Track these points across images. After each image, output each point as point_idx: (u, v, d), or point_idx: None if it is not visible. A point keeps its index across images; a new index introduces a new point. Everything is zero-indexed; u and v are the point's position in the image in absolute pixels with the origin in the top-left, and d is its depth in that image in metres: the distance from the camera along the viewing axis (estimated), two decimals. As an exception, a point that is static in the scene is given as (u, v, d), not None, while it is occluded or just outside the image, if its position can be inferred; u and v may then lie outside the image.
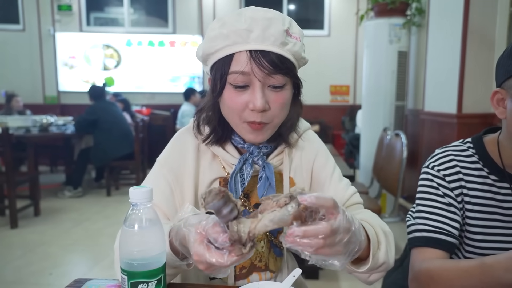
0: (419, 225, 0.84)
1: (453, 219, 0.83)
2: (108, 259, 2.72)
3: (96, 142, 4.33)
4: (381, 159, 2.93)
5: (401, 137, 2.54)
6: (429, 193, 0.86)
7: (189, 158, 0.82)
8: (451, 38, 2.64)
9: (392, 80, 3.53)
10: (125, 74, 6.27)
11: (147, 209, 0.56)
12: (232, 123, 0.78)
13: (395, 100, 3.57)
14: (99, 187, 4.84)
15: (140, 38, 6.26)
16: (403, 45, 3.52)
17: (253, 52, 0.70)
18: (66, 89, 6.25)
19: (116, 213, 3.78)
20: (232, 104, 0.74)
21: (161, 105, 6.23)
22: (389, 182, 2.60)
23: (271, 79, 0.72)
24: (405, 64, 3.57)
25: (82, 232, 3.28)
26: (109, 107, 4.44)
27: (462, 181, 0.84)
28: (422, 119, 3.11)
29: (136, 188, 0.55)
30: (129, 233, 0.54)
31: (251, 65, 0.70)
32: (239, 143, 0.81)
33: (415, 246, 0.83)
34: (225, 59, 0.72)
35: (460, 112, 2.60)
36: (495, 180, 0.84)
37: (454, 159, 0.86)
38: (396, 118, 3.60)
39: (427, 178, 0.87)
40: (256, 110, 0.72)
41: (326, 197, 0.52)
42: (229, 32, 0.71)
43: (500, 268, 0.64)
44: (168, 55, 6.27)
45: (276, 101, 0.74)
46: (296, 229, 0.51)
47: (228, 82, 0.73)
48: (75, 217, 3.65)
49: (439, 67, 2.87)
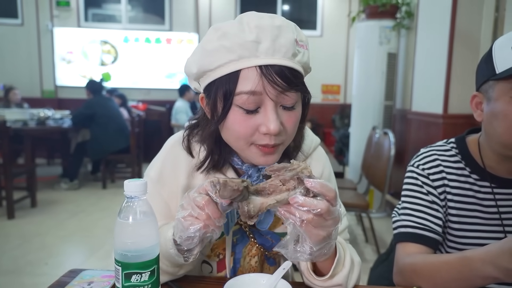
0: (404, 221, 0.85)
1: (436, 216, 0.84)
2: (103, 250, 2.70)
3: (93, 136, 4.30)
4: (369, 156, 2.95)
5: (389, 135, 2.55)
6: (413, 191, 0.87)
7: (181, 175, 0.75)
8: (439, 41, 2.66)
9: (381, 81, 3.55)
10: (122, 70, 6.22)
11: (141, 202, 0.55)
12: (237, 148, 0.69)
13: (384, 100, 3.60)
14: (95, 180, 4.81)
15: (137, 34, 6.20)
16: (393, 46, 3.54)
17: (263, 68, 0.60)
18: (63, 84, 6.17)
19: (111, 205, 3.76)
20: (240, 129, 0.63)
21: (157, 101, 6.19)
22: (377, 178, 2.62)
23: (284, 98, 0.62)
24: (394, 65, 3.59)
25: (78, 224, 3.26)
26: (106, 102, 4.40)
27: (445, 180, 0.86)
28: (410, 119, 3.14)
29: (131, 181, 0.55)
30: (124, 225, 0.54)
31: (263, 83, 0.60)
32: (237, 164, 0.74)
33: (400, 241, 0.84)
34: (229, 76, 0.62)
35: (446, 112, 2.62)
36: (476, 179, 0.85)
37: (437, 158, 0.88)
38: (385, 117, 3.63)
39: (412, 176, 0.89)
40: (271, 134, 0.62)
41: (329, 187, 0.54)
42: (233, 44, 0.61)
43: (478, 260, 0.66)
44: (164, 52, 6.22)
45: (289, 121, 0.65)
46: (300, 197, 0.53)
47: (234, 104, 0.62)
48: (71, 209, 3.63)
49: (426, 69, 2.90)
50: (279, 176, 0.56)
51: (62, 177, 4.48)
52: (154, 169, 0.77)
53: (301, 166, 0.56)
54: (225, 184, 0.53)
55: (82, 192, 4.30)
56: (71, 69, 6.14)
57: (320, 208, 0.53)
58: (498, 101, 0.74)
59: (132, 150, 4.41)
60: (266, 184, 0.56)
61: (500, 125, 0.75)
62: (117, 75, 6.20)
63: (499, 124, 0.75)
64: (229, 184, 0.53)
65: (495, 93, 0.75)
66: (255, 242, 0.79)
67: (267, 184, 0.56)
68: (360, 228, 3.14)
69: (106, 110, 4.30)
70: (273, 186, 0.56)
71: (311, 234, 0.55)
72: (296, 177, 0.55)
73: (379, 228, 3.10)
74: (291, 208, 0.54)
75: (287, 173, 0.56)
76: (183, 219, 0.57)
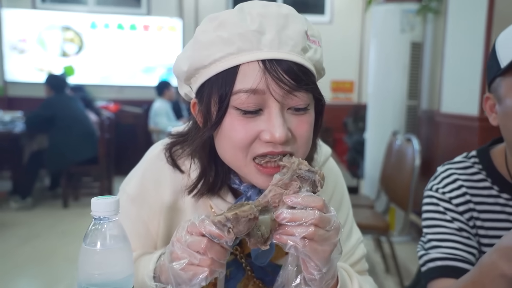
0: (431, 255, 0.86)
1: (467, 244, 0.85)
2: (63, 286, 2.67)
3: (52, 143, 4.28)
4: (389, 167, 2.97)
5: (412, 142, 2.57)
6: (435, 219, 0.89)
7: (166, 192, 0.76)
8: (474, 27, 2.69)
9: (403, 76, 3.58)
10: (88, 63, 6.21)
11: (112, 224, 0.55)
12: (235, 164, 0.68)
13: (407, 99, 3.63)
14: (54, 197, 4.78)
15: (107, 19, 6.21)
16: (417, 34, 3.57)
17: (267, 63, 0.61)
18: (14, 79, 6.15)
19: (74, 229, 3.72)
20: (237, 135, 0.63)
21: (132, 101, 6.19)
22: (399, 194, 2.63)
23: (293, 99, 0.62)
24: (419, 57, 3.63)
25: (31, 252, 3.22)
26: (69, 102, 4.40)
27: (470, 203, 0.87)
28: (438, 122, 3.16)
29: (100, 199, 0.55)
30: (90, 252, 0.54)
31: (266, 80, 0.61)
32: (235, 184, 0.74)
33: (431, 279, 0.85)
34: (226, 73, 0.62)
35: (482, 114, 2.64)
36: (508, 199, 0.86)
37: (458, 178, 0.89)
38: (408, 120, 3.65)
39: (432, 203, 0.90)
40: (275, 142, 0.62)
41: (314, 198, 0.57)
42: (231, 35, 0.62)
43: (483, 258, 0.68)
44: (140, 41, 6.24)
45: (301, 127, 0.64)
46: (285, 212, 0.55)
47: (231, 105, 0.63)
48: (22, 234, 3.59)
49: (458, 61, 2.92)
50: (278, 183, 0.58)
51: (12, 194, 4.45)
52: (132, 183, 0.78)
53: (295, 163, 0.58)
54: (237, 218, 0.53)
55: (37, 212, 4.25)
56: (25, 60, 6.13)
57: (312, 217, 0.54)
58: (507, 98, 0.78)
59: (101, 160, 4.39)
60: (267, 197, 0.58)
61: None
62: (83, 69, 6.19)
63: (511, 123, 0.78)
64: (241, 215, 0.54)
65: (504, 90, 0.79)
66: (252, 275, 0.79)
67: (269, 197, 0.58)
68: (379, 255, 3.13)
69: (69, 112, 4.29)
70: (276, 195, 0.58)
71: (317, 252, 0.56)
72: (295, 176, 0.58)
73: (402, 255, 3.10)
74: (286, 228, 0.55)
75: (284, 176, 0.58)
76: (183, 271, 0.57)
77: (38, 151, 4.40)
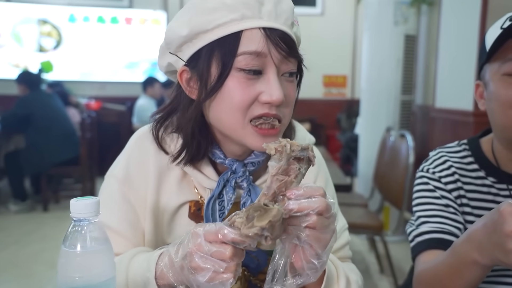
0: (420, 229, 0.94)
1: (453, 219, 0.93)
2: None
3: (29, 143, 4.25)
4: (383, 165, 3.00)
5: (407, 138, 2.60)
6: (425, 197, 0.97)
7: (151, 175, 0.80)
8: (468, 19, 2.72)
9: (397, 70, 3.60)
10: (67, 58, 6.16)
11: (92, 226, 0.56)
12: (231, 127, 0.74)
13: (401, 94, 3.65)
14: (34, 200, 4.72)
15: (87, 12, 6.16)
16: (411, 27, 3.60)
17: (267, 30, 0.70)
18: (-10, 76, 6.08)
19: (55, 233, 3.70)
20: (239, 96, 0.70)
21: (114, 98, 6.15)
22: (393, 192, 2.66)
23: (287, 64, 0.73)
24: (413, 50, 3.66)
25: (9, 259, 3.19)
26: (46, 100, 4.37)
27: (459, 182, 0.96)
28: (433, 117, 3.19)
29: (79, 200, 0.56)
30: (70, 255, 0.54)
31: (268, 45, 0.70)
32: (219, 158, 0.79)
33: (419, 252, 0.91)
34: (230, 37, 0.70)
35: (477, 109, 2.68)
36: (494, 182, 0.95)
37: (448, 160, 0.99)
38: (402, 115, 3.68)
39: (423, 182, 0.99)
40: (273, 103, 0.70)
41: (314, 187, 0.60)
42: (235, 2, 0.70)
43: (457, 245, 0.75)
44: (122, 35, 6.20)
45: (291, 93, 0.75)
46: (292, 204, 0.57)
47: (235, 67, 0.70)
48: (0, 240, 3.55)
49: (453, 55, 2.96)
50: (279, 172, 0.60)
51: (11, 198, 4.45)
52: (119, 167, 0.81)
53: (287, 146, 0.60)
54: (272, 226, 0.54)
55: (15, 216, 4.22)
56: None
57: (318, 205, 0.57)
58: (491, 82, 0.88)
59: (83, 161, 4.36)
60: (272, 188, 0.60)
61: (495, 108, 0.87)
62: (61, 65, 6.14)
63: (494, 107, 0.87)
64: (275, 221, 0.54)
65: (488, 75, 0.89)
66: None
67: (275, 187, 0.60)
68: (373, 256, 3.17)
69: (47, 110, 4.26)
70: (282, 184, 0.60)
71: (319, 240, 0.58)
72: (292, 159, 0.61)
73: (397, 255, 3.14)
74: (290, 219, 0.58)
75: (281, 163, 0.60)
76: (208, 283, 0.57)
77: (14, 152, 4.35)
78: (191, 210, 0.82)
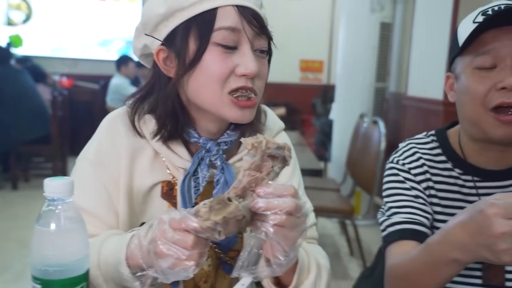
0: (391, 220, 0.96)
1: (423, 210, 0.95)
2: (14, 270, 2.63)
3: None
4: (356, 151, 3.06)
5: (379, 125, 2.66)
6: (396, 188, 0.99)
7: (123, 156, 0.81)
8: (441, 10, 2.77)
9: (372, 57, 3.65)
10: (37, 33, 5.99)
11: (66, 205, 0.57)
12: (210, 100, 0.77)
13: (375, 81, 3.71)
14: (3, 179, 4.64)
15: (60, -14, 5.97)
16: (387, 15, 3.64)
17: (240, 8, 0.75)
18: (-44, 49, 5.85)
19: (25, 212, 3.66)
20: (217, 69, 0.75)
21: (87, 76, 6.02)
22: (364, 178, 2.72)
23: (260, 40, 0.78)
24: (388, 38, 3.70)
25: (-22, 237, 3.14)
26: (16, 75, 4.26)
27: (427, 174, 0.98)
28: (405, 105, 3.26)
29: (53, 180, 0.56)
30: (44, 233, 0.55)
31: (241, 21, 0.74)
32: (194, 137, 0.82)
33: (390, 242, 0.93)
34: (206, 14, 0.74)
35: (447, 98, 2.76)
36: (460, 173, 0.97)
37: (417, 151, 1.01)
38: (376, 102, 3.74)
39: (393, 173, 1.01)
40: (248, 75, 0.75)
41: (285, 186, 0.61)
42: None
43: (436, 243, 0.77)
44: (96, 11, 6.05)
45: (263, 68, 0.79)
46: (261, 202, 0.58)
47: (212, 42, 0.74)
48: (-32, 218, 3.49)
49: (426, 44, 3.01)
50: (251, 167, 0.61)
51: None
52: (91, 149, 0.82)
53: (262, 142, 0.61)
54: (226, 221, 0.55)
55: (-16, 194, 4.14)
56: (-33, 29, 5.84)
57: (287, 206, 0.58)
58: (462, 75, 0.89)
59: (54, 140, 4.29)
60: (242, 182, 0.61)
61: (465, 101, 0.89)
62: (31, 39, 5.95)
63: (464, 100, 0.89)
64: (229, 217, 0.55)
65: (460, 68, 0.90)
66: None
67: (245, 182, 0.61)
68: (344, 239, 3.25)
69: (16, 86, 4.16)
70: (252, 180, 0.61)
71: (287, 239, 0.60)
72: (266, 156, 0.61)
73: (366, 239, 3.22)
74: (258, 215, 0.59)
75: (255, 158, 0.61)
76: (170, 269, 0.59)
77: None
78: (164, 190, 0.83)
